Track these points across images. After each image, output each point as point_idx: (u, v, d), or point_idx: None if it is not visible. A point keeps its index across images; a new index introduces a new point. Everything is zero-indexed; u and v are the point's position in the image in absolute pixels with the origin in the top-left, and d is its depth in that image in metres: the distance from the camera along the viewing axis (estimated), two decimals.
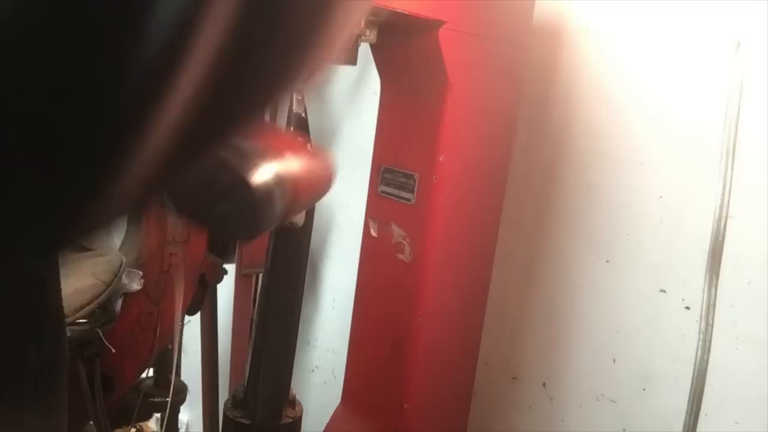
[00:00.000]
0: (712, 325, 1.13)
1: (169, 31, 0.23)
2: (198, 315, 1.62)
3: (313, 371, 1.88)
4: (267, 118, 0.83)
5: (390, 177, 1.21)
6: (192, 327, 1.68)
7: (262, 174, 0.65)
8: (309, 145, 0.92)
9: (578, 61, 1.30)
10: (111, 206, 0.28)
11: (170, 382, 1.47)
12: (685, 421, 1.17)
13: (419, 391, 1.23)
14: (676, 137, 1.17)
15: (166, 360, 1.48)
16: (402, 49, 1.13)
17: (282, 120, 0.89)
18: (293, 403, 1.23)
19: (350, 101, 1.76)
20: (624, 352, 1.25)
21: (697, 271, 1.15)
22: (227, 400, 1.24)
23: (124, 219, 1.16)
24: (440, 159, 1.13)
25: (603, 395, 1.28)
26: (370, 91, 1.67)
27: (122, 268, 1.14)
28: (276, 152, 0.69)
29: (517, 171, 1.35)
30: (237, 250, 1.47)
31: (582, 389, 1.31)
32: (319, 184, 0.75)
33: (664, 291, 1.19)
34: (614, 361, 1.26)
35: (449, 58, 1.09)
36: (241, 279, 1.64)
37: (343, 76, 1.76)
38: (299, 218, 1.14)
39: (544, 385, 1.38)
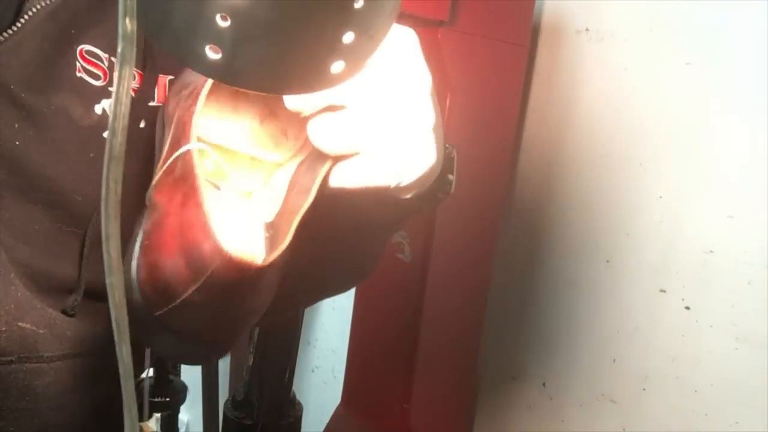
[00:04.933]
0: (712, 326, 1.14)
1: None
2: None
3: (313, 371, 1.88)
4: None
5: None
6: None
7: None
8: None
9: (578, 61, 1.30)
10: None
11: (170, 382, 1.47)
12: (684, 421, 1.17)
13: (419, 391, 1.23)
14: (676, 137, 1.17)
15: (166, 360, 1.48)
16: None
17: None
18: (293, 402, 1.23)
19: None
20: (624, 352, 1.25)
21: (697, 271, 1.15)
22: (227, 400, 1.24)
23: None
24: None
25: (603, 395, 1.28)
26: None
27: None
28: None
29: (517, 171, 1.35)
30: None
31: (582, 389, 1.31)
32: None
33: (664, 291, 1.19)
34: (614, 361, 1.26)
35: (449, 58, 1.09)
36: None
37: None
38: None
39: (544, 385, 1.38)
